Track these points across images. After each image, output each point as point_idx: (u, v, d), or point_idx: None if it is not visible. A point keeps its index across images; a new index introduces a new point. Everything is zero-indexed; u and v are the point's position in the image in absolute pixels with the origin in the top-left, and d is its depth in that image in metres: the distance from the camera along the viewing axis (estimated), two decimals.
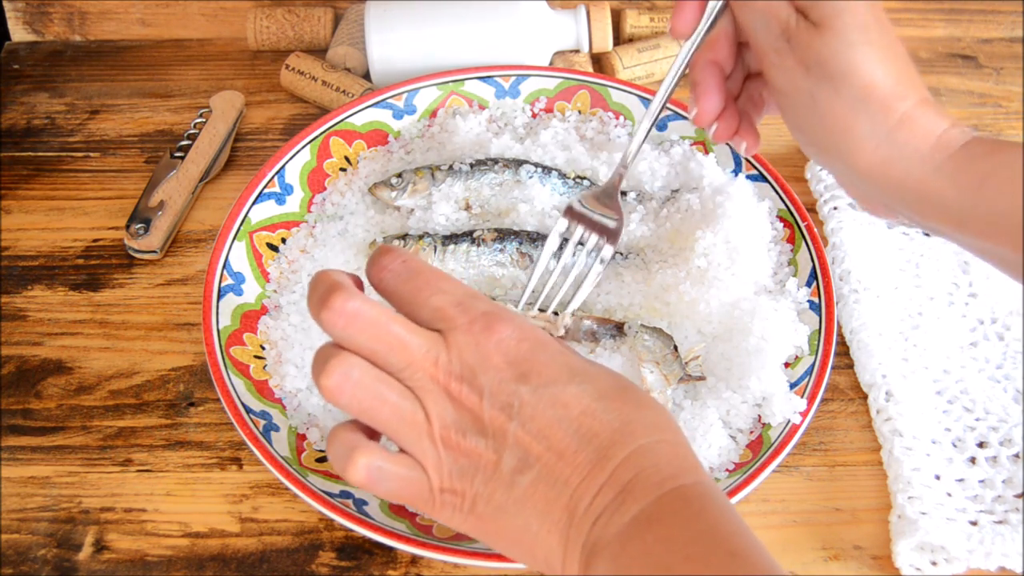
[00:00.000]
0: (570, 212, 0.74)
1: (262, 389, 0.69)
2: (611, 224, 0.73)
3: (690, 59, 0.65)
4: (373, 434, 0.51)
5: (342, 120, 0.83)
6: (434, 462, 0.48)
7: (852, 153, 0.57)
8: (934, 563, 0.63)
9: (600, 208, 0.74)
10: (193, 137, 0.86)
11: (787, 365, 0.71)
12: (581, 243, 0.73)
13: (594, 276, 0.72)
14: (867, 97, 0.56)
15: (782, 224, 0.79)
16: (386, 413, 0.48)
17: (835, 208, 0.82)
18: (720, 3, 0.63)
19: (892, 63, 0.56)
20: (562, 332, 0.71)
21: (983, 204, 0.54)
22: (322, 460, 0.66)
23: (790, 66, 0.58)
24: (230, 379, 0.67)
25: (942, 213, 0.56)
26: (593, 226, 0.73)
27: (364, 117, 0.84)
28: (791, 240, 0.78)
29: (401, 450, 0.50)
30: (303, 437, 0.68)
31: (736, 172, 0.82)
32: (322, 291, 0.49)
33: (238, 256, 0.74)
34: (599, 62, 0.96)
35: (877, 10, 0.57)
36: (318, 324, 0.49)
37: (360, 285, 0.53)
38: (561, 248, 0.73)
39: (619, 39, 0.99)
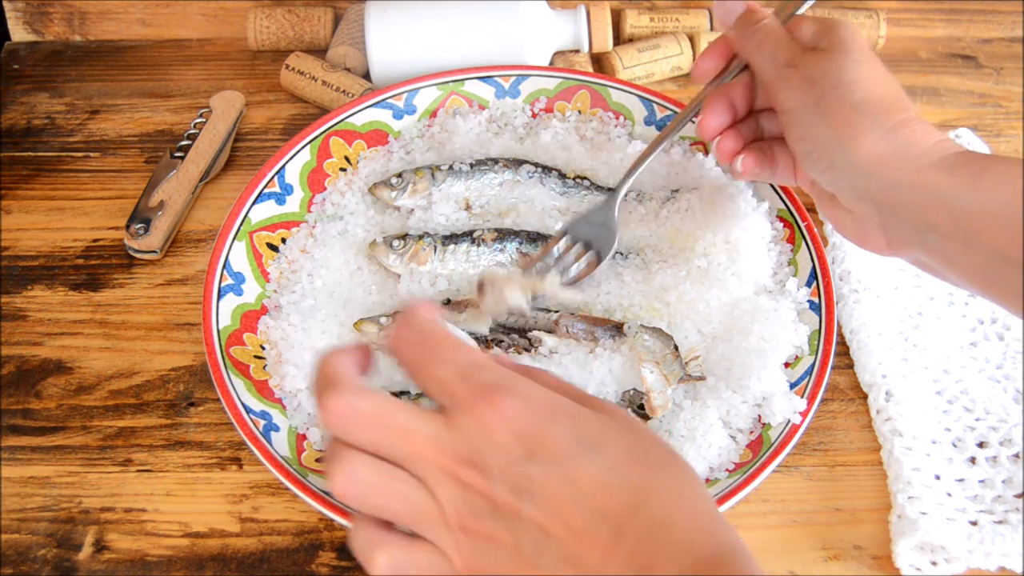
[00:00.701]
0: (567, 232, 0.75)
1: (262, 389, 0.69)
2: (602, 246, 0.75)
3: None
4: (392, 524, 0.50)
5: (342, 120, 0.83)
6: (454, 548, 0.47)
7: (855, 145, 0.60)
8: (934, 563, 0.63)
9: (593, 229, 0.75)
10: (193, 137, 0.86)
11: (787, 365, 0.71)
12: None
13: (599, 270, 0.74)
14: (870, 101, 0.60)
15: (782, 224, 0.79)
16: (397, 507, 0.47)
17: None
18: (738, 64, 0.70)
19: (891, 87, 0.62)
20: (544, 295, 0.71)
21: (980, 196, 0.56)
22: (322, 460, 0.66)
23: (795, 84, 0.63)
24: (230, 379, 0.67)
25: (939, 207, 0.57)
26: (586, 247, 0.75)
27: (364, 117, 0.84)
28: (791, 240, 0.78)
29: (420, 537, 0.49)
30: (303, 437, 0.68)
31: None
32: (319, 387, 0.48)
33: (238, 256, 0.74)
34: (599, 62, 0.96)
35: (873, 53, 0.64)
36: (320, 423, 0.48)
37: (368, 357, 0.52)
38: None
39: (619, 39, 0.99)
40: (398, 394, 0.67)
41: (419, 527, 0.48)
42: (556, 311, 0.72)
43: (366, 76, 0.93)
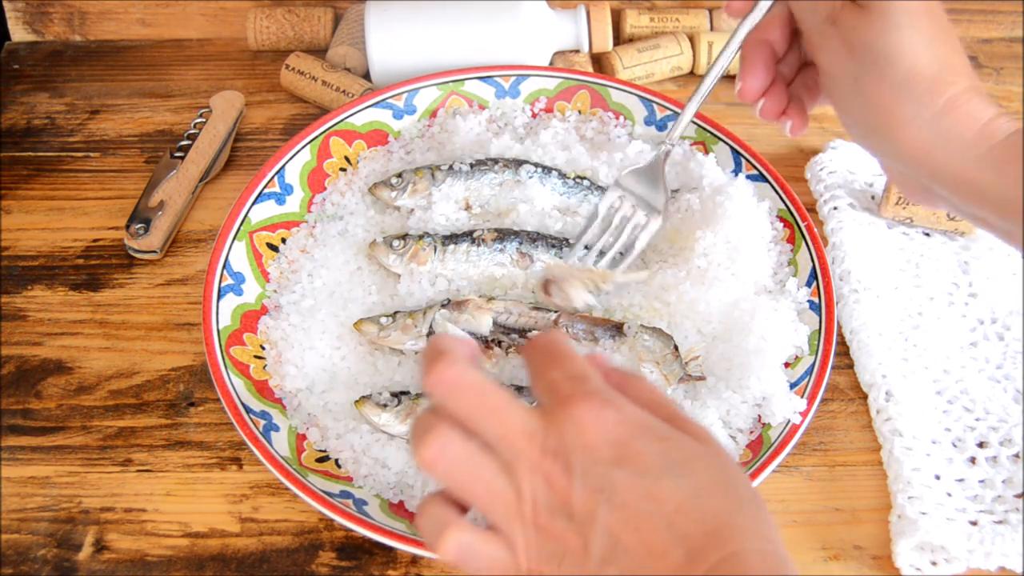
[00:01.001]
0: (617, 186, 0.74)
1: (262, 389, 0.69)
2: (655, 202, 0.74)
3: (743, 39, 0.65)
4: (463, 507, 0.49)
5: (342, 120, 0.83)
6: (523, 543, 0.46)
7: (895, 136, 0.57)
8: (934, 563, 0.63)
9: (644, 186, 0.74)
10: (193, 137, 0.86)
11: (787, 365, 0.71)
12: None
13: (645, 238, 0.73)
14: (911, 81, 0.55)
15: (782, 224, 0.79)
16: (478, 489, 0.47)
17: (835, 208, 0.82)
18: None
19: (939, 48, 0.56)
20: (610, 288, 0.71)
21: None
22: (322, 460, 0.67)
23: (835, 48, 0.58)
24: (230, 379, 0.67)
25: (983, 200, 0.56)
26: (638, 202, 0.74)
27: (364, 117, 0.84)
28: (791, 240, 0.78)
29: (490, 527, 0.48)
30: (303, 437, 0.68)
31: (736, 172, 0.82)
32: (430, 355, 0.48)
33: (238, 256, 0.74)
34: (599, 62, 0.96)
35: None
36: (423, 388, 0.48)
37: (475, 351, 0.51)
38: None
39: (619, 39, 0.99)
40: (398, 394, 0.67)
41: (494, 514, 0.47)
42: (556, 311, 0.72)
43: (366, 76, 0.93)
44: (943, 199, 0.59)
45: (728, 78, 0.98)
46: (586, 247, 0.74)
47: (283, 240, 0.78)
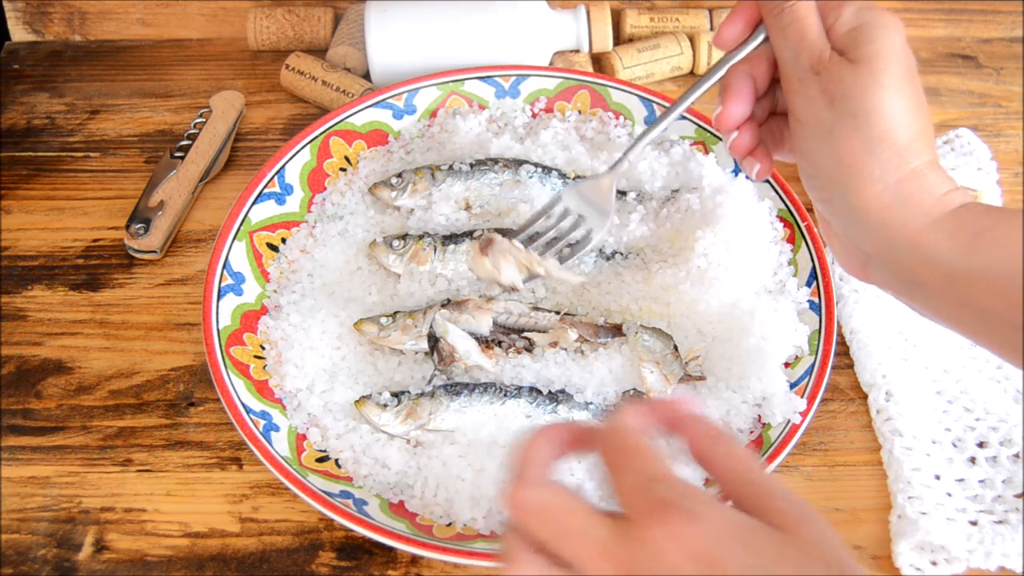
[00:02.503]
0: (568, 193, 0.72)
1: (262, 389, 0.69)
2: (599, 221, 0.71)
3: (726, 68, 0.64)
4: None
5: (342, 120, 0.83)
6: None
7: (856, 190, 0.57)
8: (934, 563, 0.63)
9: (590, 202, 0.71)
10: (193, 137, 0.86)
11: (787, 365, 0.71)
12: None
13: (591, 247, 0.71)
14: (884, 142, 0.56)
15: (782, 224, 0.79)
16: None
17: None
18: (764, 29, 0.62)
19: (916, 118, 0.57)
20: (540, 276, 0.70)
21: (977, 259, 0.54)
22: (322, 460, 0.67)
23: (814, 96, 0.58)
24: (230, 379, 0.67)
25: (933, 268, 0.55)
26: (586, 212, 0.71)
27: (364, 117, 0.84)
28: (791, 240, 0.78)
29: None
30: (303, 437, 0.68)
31: (736, 172, 0.82)
32: (513, 473, 0.48)
33: (238, 256, 0.74)
34: (599, 62, 0.96)
35: (912, 64, 0.58)
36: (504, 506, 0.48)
37: (577, 437, 0.50)
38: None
39: (619, 39, 0.99)
40: (398, 394, 0.67)
41: None
42: (557, 312, 0.72)
43: (366, 76, 0.93)
44: (879, 273, 0.59)
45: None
46: (530, 237, 0.72)
47: (283, 240, 0.78)
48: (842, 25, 0.58)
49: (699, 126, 0.84)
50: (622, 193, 0.80)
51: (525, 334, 0.71)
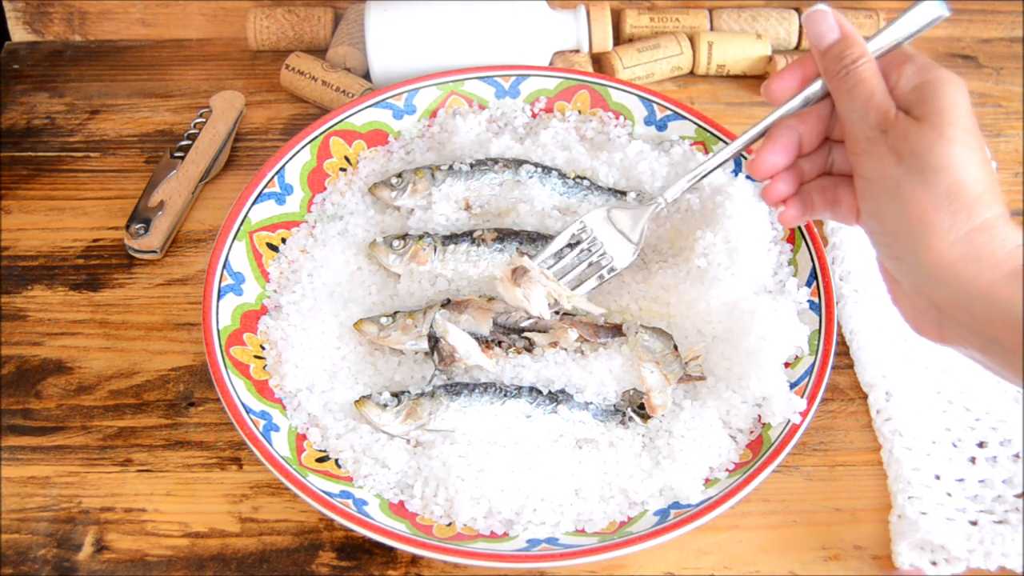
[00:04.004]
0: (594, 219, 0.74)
1: (262, 389, 0.69)
2: (624, 252, 0.73)
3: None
4: None
5: (342, 120, 0.83)
6: None
7: (927, 244, 0.56)
8: (934, 563, 0.63)
9: (622, 229, 0.73)
10: (193, 137, 0.86)
11: (787, 365, 0.71)
12: (590, 249, 0.73)
13: (593, 282, 0.72)
14: (954, 194, 0.56)
15: (782, 224, 0.78)
16: None
17: None
18: (820, 84, 0.63)
19: (984, 171, 0.57)
20: (568, 307, 0.71)
21: None
22: (322, 460, 0.67)
23: (881, 154, 0.58)
24: (230, 379, 0.67)
25: (1006, 322, 0.54)
26: (607, 243, 0.73)
27: (364, 117, 0.84)
28: (791, 240, 0.78)
29: None
30: (303, 437, 0.68)
31: (736, 172, 0.82)
32: None
33: (238, 256, 0.74)
34: (599, 62, 0.96)
35: (975, 121, 0.58)
36: None
37: None
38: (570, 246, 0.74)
39: (619, 39, 0.99)
40: (398, 394, 0.67)
41: None
42: (557, 312, 0.72)
43: (366, 76, 0.93)
44: (955, 331, 0.58)
45: (730, 78, 0.98)
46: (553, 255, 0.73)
47: (283, 240, 0.78)
48: (906, 83, 0.59)
49: (699, 126, 0.84)
50: (622, 193, 0.80)
51: (525, 334, 0.71)
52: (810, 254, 0.76)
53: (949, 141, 0.56)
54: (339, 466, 0.66)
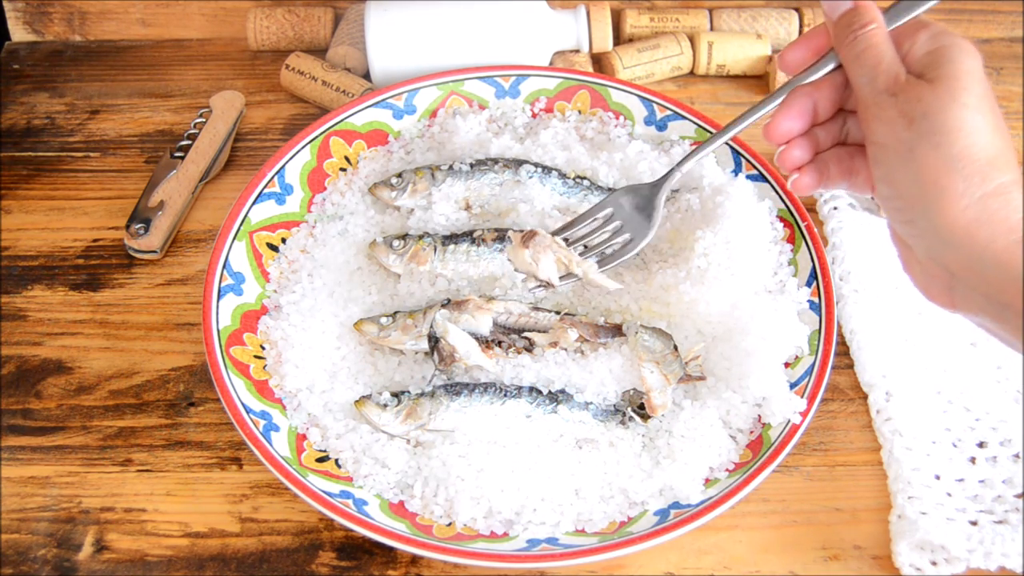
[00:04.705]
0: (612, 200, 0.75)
1: (262, 389, 0.69)
2: (642, 229, 0.74)
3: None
4: None
5: (342, 120, 0.83)
6: None
7: (941, 208, 0.56)
8: (934, 563, 0.63)
9: (637, 210, 0.74)
10: (193, 137, 0.86)
11: (787, 365, 0.71)
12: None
13: (631, 251, 0.74)
14: (967, 158, 0.55)
15: (782, 224, 0.79)
16: None
17: (835, 208, 0.82)
18: (833, 57, 0.62)
19: (998, 136, 0.56)
20: (578, 277, 0.72)
21: None
22: (322, 460, 0.67)
23: (891, 118, 0.57)
24: (230, 379, 0.67)
25: (1018, 286, 0.54)
26: (630, 217, 0.74)
27: (364, 117, 0.84)
28: (791, 240, 0.78)
29: None
30: (303, 437, 0.68)
31: (736, 172, 0.82)
32: None
33: (238, 256, 0.74)
34: (599, 62, 0.96)
35: (989, 88, 0.57)
36: None
37: None
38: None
39: (619, 39, 0.99)
40: (398, 394, 0.67)
41: None
42: (557, 312, 0.72)
43: (366, 76, 0.93)
44: (966, 296, 0.58)
45: (730, 78, 0.98)
46: (566, 239, 0.74)
47: (283, 240, 0.78)
48: (919, 49, 0.58)
49: (699, 126, 0.84)
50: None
51: (525, 334, 0.71)
52: (810, 254, 0.76)
53: (962, 106, 0.55)
54: (339, 466, 0.66)
